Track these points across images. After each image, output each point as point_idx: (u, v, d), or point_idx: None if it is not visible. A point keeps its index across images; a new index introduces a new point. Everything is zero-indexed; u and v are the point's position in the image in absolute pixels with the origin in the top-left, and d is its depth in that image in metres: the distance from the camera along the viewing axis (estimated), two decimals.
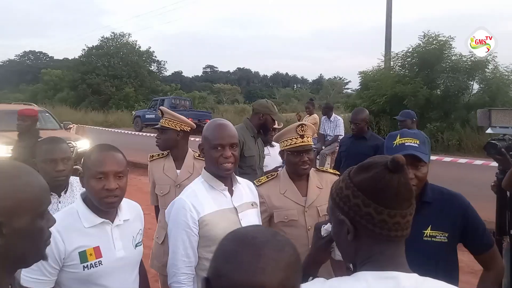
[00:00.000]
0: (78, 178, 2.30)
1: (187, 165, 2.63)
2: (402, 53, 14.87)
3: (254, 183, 2.17)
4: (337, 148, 5.81)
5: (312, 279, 1.04)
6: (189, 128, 2.69)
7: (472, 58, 12.90)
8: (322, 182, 2.16)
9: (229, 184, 1.73)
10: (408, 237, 1.52)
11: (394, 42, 16.13)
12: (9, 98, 29.19)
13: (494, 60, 13.00)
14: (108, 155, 1.45)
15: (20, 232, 0.88)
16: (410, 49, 14.46)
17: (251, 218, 1.75)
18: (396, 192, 0.89)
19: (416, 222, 1.53)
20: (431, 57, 13.72)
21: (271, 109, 3.19)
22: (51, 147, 2.04)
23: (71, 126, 9.19)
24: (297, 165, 2.08)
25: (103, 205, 1.44)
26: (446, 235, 1.54)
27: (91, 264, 1.41)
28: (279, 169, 2.40)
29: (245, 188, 1.82)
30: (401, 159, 0.88)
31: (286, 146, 2.10)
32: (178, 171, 2.61)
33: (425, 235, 1.55)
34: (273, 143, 3.64)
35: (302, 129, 2.09)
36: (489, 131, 2.32)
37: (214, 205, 1.66)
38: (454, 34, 13.96)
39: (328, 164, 6.99)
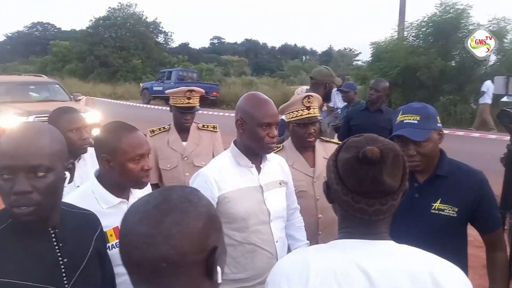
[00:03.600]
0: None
1: (193, 136, 2.58)
2: (417, 22, 14.38)
3: None
4: None
5: None
6: None
7: (490, 28, 12.42)
8: (328, 153, 2.15)
9: (258, 161, 1.67)
10: (416, 209, 1.56)
11: (409, 11, 15.59)
12: (19, 69, 29.33)
13: None
14: (140, 136, 1.45)
15: None
16: (426, 19, 13.96)
17: (277, 197, 1.71)
18: (360, 182, 0.88)
19: (426, 194, 1.57)
20: (447, 26, 13.25)
21: (333, 75, 3.13)
22: (73, 116, 2.04)
23: (80, 97, 9.24)
24: (303, 137, 2.06)
25: (140, 185, 1.46)
26: (456, 210, 1.52)
27: (112, 245, 1.40)
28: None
29: (275, 166, 1.76)
30: (372, 153, 0.85)
31: (292, 118, 2.07)
32: (184, 143, 2.56)
33: (433, 207, 1.55)
34: None
35: (309, 100, 2.05)
36: (505, 99, 2.24)
37: (239, 182, 1.61)
38: (472, 2, 13.42)
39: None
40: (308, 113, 2.04)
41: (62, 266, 1.04)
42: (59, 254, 1.04)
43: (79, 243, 1.12)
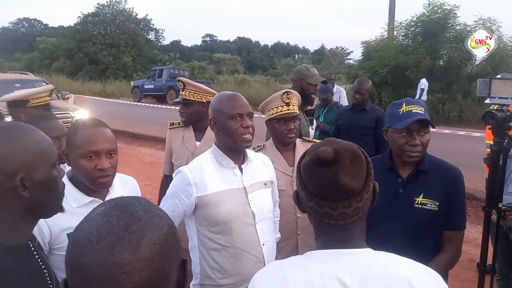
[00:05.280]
0: None
1: (208, 138, 2.52)
2: (406, 22, 14.54)
3: None
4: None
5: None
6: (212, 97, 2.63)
7: (477, 28, 12.63)
8: None
9: (240, 161, 1.62)
10: (400, 204, 1.60)
11: (398, 11, 15.74)
12: (5, 67, 28.79)
13: (499, 30, 12.80)
14: (98, 132, 1.35)
15: (40, 184, 0.95)
16: (414, 18, 14.12)
17: (262, 199, 1.66)
18: (320, 184, 0.87)
19: (409, 189, 1.62)
20: (435, 26, 13.43)
21: (305, 72, 2.99)
22: (51, 124, 1.82)
23: (69, 96, 9.10)
24: (283, 133, 2.06)
25: (95, 185, 1.36)
26: (437, 204, 1.58)
27: None
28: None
29: (259, 166, 1.70)
30: (325, 153, 0.85)
31: (272, 114, 2.06)
32: (197, 143, 2.53)
33: (416, 202, 1.59)
34: None
35: (288, 96, 2.05)
36: (487, 101, 2.26)
37: (221, 184, 1.57)
38: (460, 3, 13.62)
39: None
40: (288, 109, 2.04)
41: (48, 279, 1.02)
42: (42, 266, 1.01)
43: (43, 255, 1.09)
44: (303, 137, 2.28)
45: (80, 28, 33.78)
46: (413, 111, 1.58)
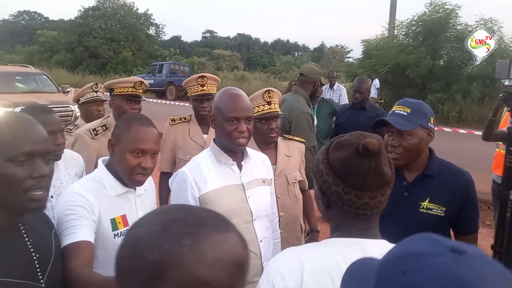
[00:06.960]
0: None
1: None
2: (407, 21, 14.53)
3: None
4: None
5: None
6: None
7: (478, 28, 12.63)
8: (290, 150, 2.15)
9: (239, 158, 1.62)
10: (404, 208, 1.57)
11: (400, 10, 15.72)
12: (5, 59, 28.71)
13: (500, 31, 12.78)
14: (150, 132, 1.39)
15: None
16: (415, 17, 14.11)
17: (260, 196, 1.66)
18: (364, 176, 0.89)
19: (415, 193, 1.57)
20: (436, 26, 13.42)
21: (321, 73, 3.21)
22: (48, 117, 1.66)
23: (69, 89, 9.10)
24: (265, 133, 2.03)
25: (132, 181, 1.40)
26: (444, 210, 1.53)
27: (120, 232, 1.37)
28: None
29: (257, 163, 1.70)
30: (372, 144, 0.87)
31: (253, 113, 2.05)
32: (205, 135, 2.55)
33: (421, 207, 1.54)
34: None
35: (269, 95, 2.02)
36: (507, 83, 2.24)
37: (219, 181, 1.57)
38: (461, 3, 13.61)
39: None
40: (269, 108, 2.00)
41: (36, 262, 1.03)
42: (31, 250, 1.03)
43: (43, 239, 1.11)
44: (284, 135, 2.26)
45: (80, 22, 33.66)
46: (395, 111, 1.54)
